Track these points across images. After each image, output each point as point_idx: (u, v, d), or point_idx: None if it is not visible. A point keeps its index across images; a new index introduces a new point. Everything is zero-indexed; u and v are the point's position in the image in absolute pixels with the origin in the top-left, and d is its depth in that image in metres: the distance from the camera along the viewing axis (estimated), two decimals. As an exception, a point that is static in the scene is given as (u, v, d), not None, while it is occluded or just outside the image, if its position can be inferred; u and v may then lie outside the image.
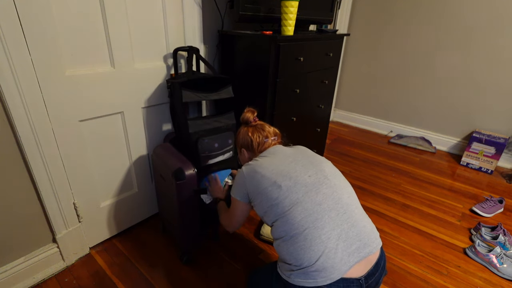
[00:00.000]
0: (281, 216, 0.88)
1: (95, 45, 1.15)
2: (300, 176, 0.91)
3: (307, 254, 0.82)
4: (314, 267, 0.81)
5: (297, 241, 0.84)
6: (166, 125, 1.54)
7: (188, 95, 1.18)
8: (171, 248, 1.44)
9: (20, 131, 1.02)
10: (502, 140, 2.22)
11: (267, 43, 1.36)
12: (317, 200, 0.87)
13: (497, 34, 2.21)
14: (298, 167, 0.94)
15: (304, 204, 0.86)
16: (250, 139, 1.09)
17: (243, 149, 1.12)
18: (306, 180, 0.90)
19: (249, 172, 0.97)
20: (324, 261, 0.81)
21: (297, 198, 0.87)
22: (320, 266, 0.81)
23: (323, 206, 0.86)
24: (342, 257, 0.82)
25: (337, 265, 0.81)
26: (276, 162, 0.97)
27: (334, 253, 0.82)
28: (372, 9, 2.75)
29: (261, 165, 0.97)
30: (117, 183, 1.42)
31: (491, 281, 1.34)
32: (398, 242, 1.54)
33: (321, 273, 0.81)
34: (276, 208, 0.89)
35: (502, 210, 1.84)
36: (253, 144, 1.08)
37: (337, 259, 0.81)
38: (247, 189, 0.98)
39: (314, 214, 0.85)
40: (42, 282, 1.23)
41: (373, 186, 2.06)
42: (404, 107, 2.83)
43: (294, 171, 0.92)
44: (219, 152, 1.31)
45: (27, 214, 1.15)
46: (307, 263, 0.82)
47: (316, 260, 0.81)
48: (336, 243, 0.82)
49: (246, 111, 1.13)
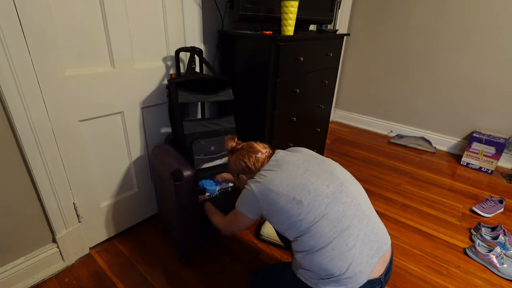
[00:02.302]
0: (306, 231, 0.87)
1: (95, 45, 1.15)
2: (318, 188, 0.89)
3: (337, 263, 0.84)
4: (345, 274, 0.84)
5: (325, 252, 0.85)
6: (166, 126, 1.54)
7: (185, 95, 1.17)
8: (171, 249, 1.44)
9: (20, 131, 1.02)
10: (502, 140, 2.22)
11: (267, 43, 1.36)
12: (340, 210, 0.88)
13: (497, 34, 2.21)
14: (313, 178, 0.91)
15: (329, 216, 0.86)
16: (243, 163, 1.04)
17: (241, 175, 1.08)
18: (325, 191, 0.89)
19: (261, 191, 0.92)
20: (354, 267, 0.84)
21: (321, 211, 0.87)
22: (351, 273, 0.84)
23: (347, 215, 0.88)
24: (367, 260, 0.85)
25: (364, 268, 0.85)
26: (288, 176, 0.92)
27: (361, 258, 0.85)
28: (372, 9, 2.75)
29: (272, 181, 0.92)
30: (117, 183, 1.42)
31: (491, 281, 1.34)
32: (398, 242, 1.54)
33: (352, 279, 0.84)
34: (300, 224, 0.87)
35: (502, 210, 1.84)
36: (249, 165, 1.04)
37: (364, 263, 0.85)
38: (261, 208, 0.93)
39: (339, 224, 0.86)
40: (42, 282, 1.23)
41: (373, 186, 2.06)
42: (404, 107, 2.83)
43: (311, 183, 0.90)
44: (216, 156, 1.29)
45: (27, 214, 1.15)
46: (338, 272, 0.84)
47: (347, 268, 0.84)
48: (361, 248, 0.86)
49: (226, 140, 1.11)
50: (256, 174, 0.99)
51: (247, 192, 0.96)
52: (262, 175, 0.96)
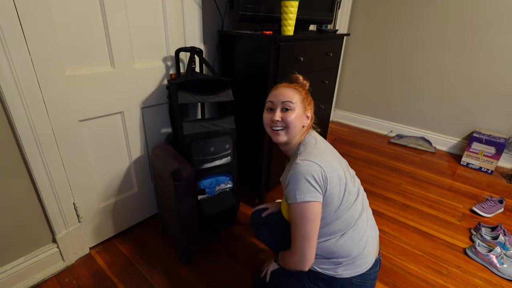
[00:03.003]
0: (342, 214, 0.88)
1: (95, 45, 1.15)
2: (345, 171, 0.90)
3: (358, 244, 0.89)
4: (361, 256, 0.89)
5: (349, 235, 0.89)
6: (166, 126, 1.54)
7: (185, 96, 1.17)
8: (171, 249, 1.44)
9: (20, 131, 1.02)
10: (502, 140, 2.22)
11: (267, 43, 1.35)
12: (361, 192, 0.96)
13: (497, 33, 2.21)
14: (341, 161, 0.95)
15: (358, 198, 0.92)
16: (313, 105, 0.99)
17: (310, 109, 0.96)
18: (349, 174, 0.93)
19: (327, 167, 0.82)
20: (367, 249, 0.91)
21: (355, 193, 0.92)
22: (365, 254, 0.90)
23: (361, 199, 0.94)
24: (372, 242, 0.93)
25: (372, 250, 0.93)
26: (334, 160, 0.88)
27: (371, 240, 0.93)
28: (372, 9, 2.75)
29: (331, 160, 0.86)
30: (117, 183, 1.42)
31: (491, 281, 1.34)
32: (398, 242, 1.54)
33: (365, 260, 0.90)
34: (345, 206, 0.88)
35: (502, 210, 1.84)
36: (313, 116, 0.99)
37: (370, 244, 0.92)
38: (329, 183, 0.82)
39: (358, 206, 0.92)
40: (42, 282, 1.23)
41: (373, 186, 2.06)
42: (404, 107, 2.83)
43: (345, 169, 0.92)
44: (216, 157, 1.29)
45: (27, 214, 1.15)
46: (356, 253, 0.89)
47: (363, 249, 0.89)
48: (370, 231, 0.93)
49: (295, 75, 1.00)
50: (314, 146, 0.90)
51: (308, 167, 0.80)
52: (319, 150, 0.88)
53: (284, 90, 0.92)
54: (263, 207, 1.20)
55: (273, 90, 0.95)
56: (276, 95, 0.92)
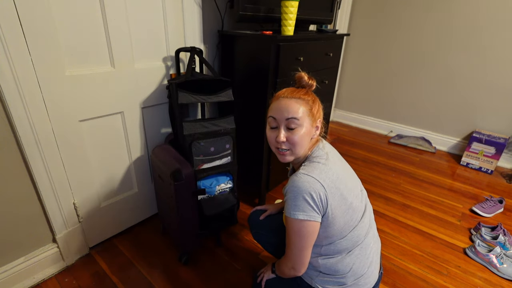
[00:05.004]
0: (348, 234, 0.84)
1: (95, 45, 1.15)
2: (354, 186, 0.86)
3: (364, 263, 0.87)
4: (367, 273, 0.88)
5: (355, 254, 0.87)
6: (166, 126, 1.54)
7: (185, 96, 1.17)
8: (171, 249, 1.44)
9: (20, 131, 1.02)
10: (502, 140, 2.22)
11: (267, 43, 1.36)
12: (368, 209, 0.93)
13: (496, 33, 2.21)
14: (349, 172, 0.88)
15: (364, 217, 0.89)
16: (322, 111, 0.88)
17: (320, 117, 0.86)
18: (358, 194, 0.88)
19: (330, 187, 0.77)
20: (371, 266, 0.89)
21: (361, 211, 0.87)
22: (370, 272, 0.89)
23: (368, 214, 0.91)
24: (376, 258, 0.92)
25: (375, 269, 0.92)
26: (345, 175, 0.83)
27: (375, 256, 0.92)
28: (372, 9, 2.75)
29: (339, 177, 0.79)
30: (117, 183, 1.42)
31: (491, 281, 1.34)
32: (398, 242, 1.54)
33: (369, 279, 0.89)
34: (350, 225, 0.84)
35: (502, 210, 1.84)
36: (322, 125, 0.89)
37: (375, 261, 0.91)
38: (330, 205, 0.78)
39: (366, 228, 0.90)
40: (42, 282, 1.23)
41: (373, 186, 2.06)
42: (404, 107, 2.83)
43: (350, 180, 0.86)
44: (216, 157, 1.29)
45: (27, 214, 1.15)
46: (361, 272, 0.87)
47: (369, 266, 0.88)
48: (374, 245, 0.92)
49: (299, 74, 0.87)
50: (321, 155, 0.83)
51: (306, 184, 0.75)
52: (324, 159, 0.82)
53: (287, 103, 0.80)
54: (261, 209, 1.18)
55: (274, 102, 0.84)
56: (278, 110, 0.81)
